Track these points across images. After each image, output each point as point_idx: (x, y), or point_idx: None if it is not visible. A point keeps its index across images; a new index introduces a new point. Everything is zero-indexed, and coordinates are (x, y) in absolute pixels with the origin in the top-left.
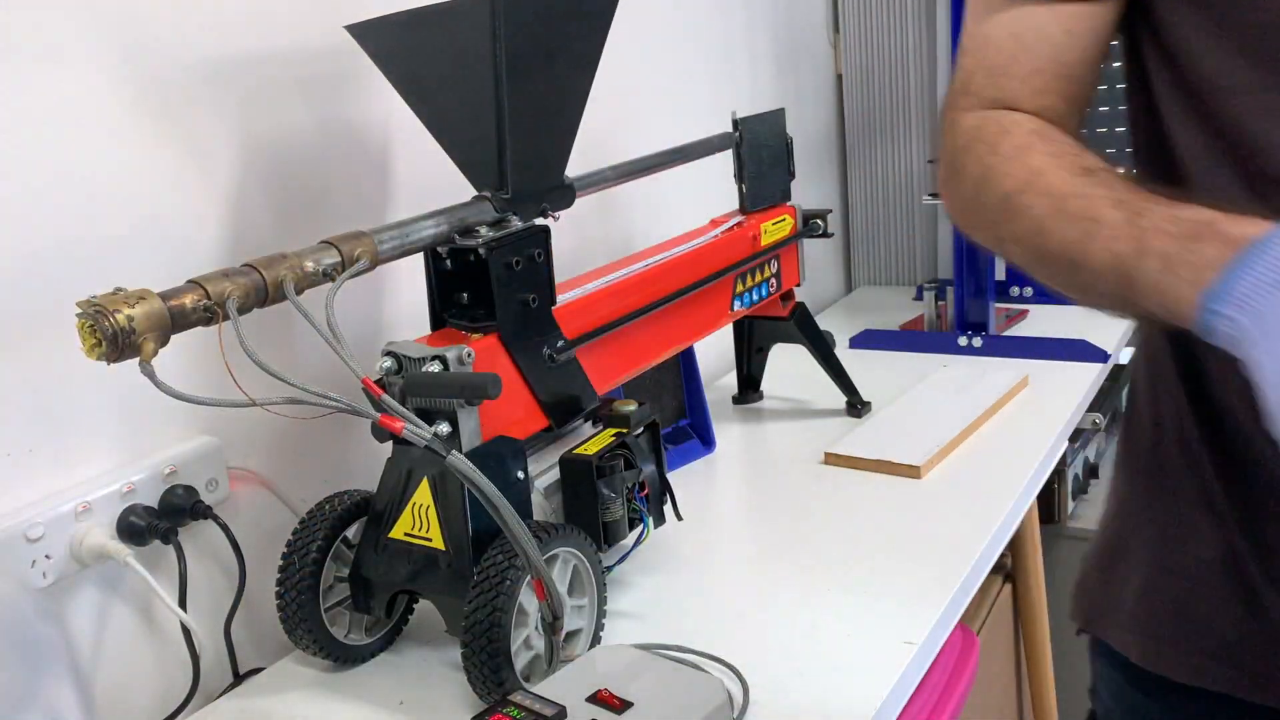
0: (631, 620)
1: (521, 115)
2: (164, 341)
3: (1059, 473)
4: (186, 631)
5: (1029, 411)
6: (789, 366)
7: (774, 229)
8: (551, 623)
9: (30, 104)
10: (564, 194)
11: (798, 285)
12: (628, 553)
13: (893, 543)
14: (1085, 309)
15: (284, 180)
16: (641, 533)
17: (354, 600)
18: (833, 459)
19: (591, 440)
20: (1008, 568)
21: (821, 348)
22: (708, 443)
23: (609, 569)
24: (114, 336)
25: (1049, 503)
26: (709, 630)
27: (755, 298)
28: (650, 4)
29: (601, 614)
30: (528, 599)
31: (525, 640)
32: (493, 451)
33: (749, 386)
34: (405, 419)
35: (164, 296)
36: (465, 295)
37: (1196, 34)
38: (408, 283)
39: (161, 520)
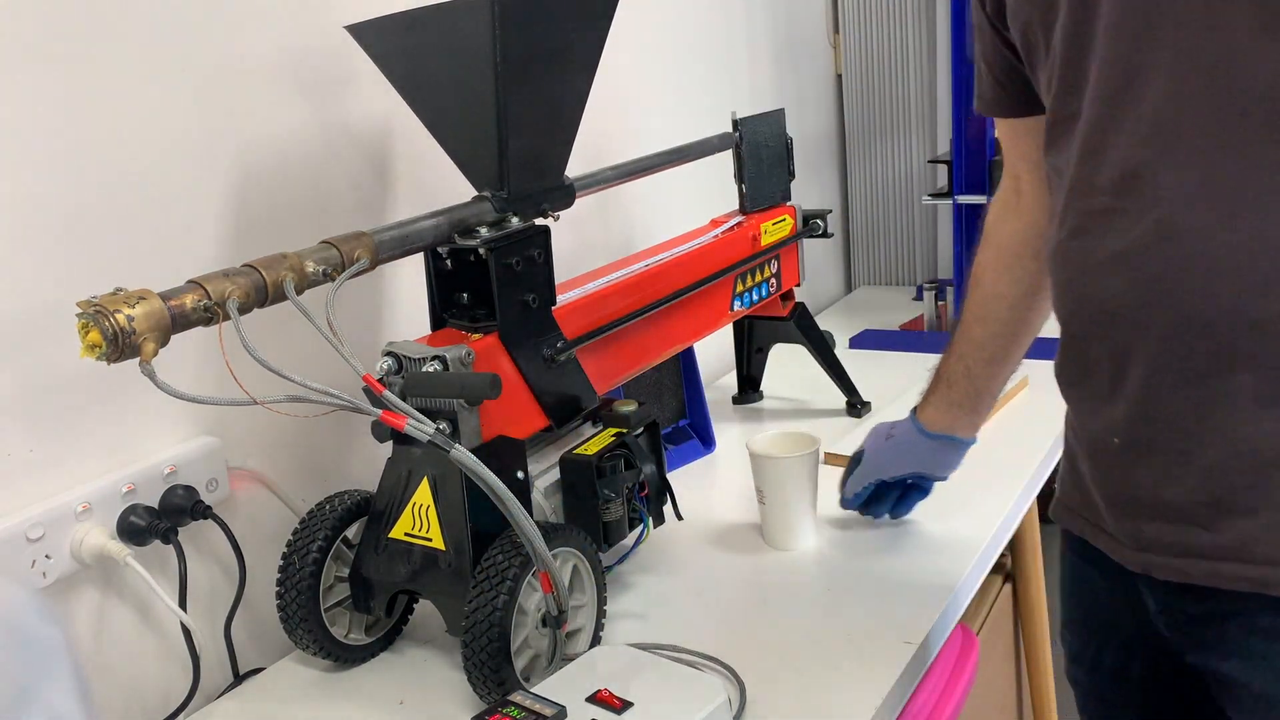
0: (631, 620)
1: (521, 115)
2: (164, 342)
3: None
4: (186, 631)
5: (1029, 411)
6: (789, 366)
7: (774, 229)
8: (557, 616)
9: (29, 104)
10: (564, 194)
11: (797, 285)
12: (628, 553)
13: (893, 543)
14: None
15: (284, 180)
16: (641, 533)
17: (354, 600)
18: (833, 459)
19: (591, 440)
20: (1008, 568)
21: (821, 348)
22: (707, 443)
23: (609, 569)
24: (114, 337)
25: (1049, 503)
26: (708, 630)
27: (755, 298)
28: (650, 4)
29: (601, 614)
30: (527, 599)
31: (525, 640)
32: (493, 451)
33: (749, 386)
34: (408, 414)
35: (164, 296)
36: (465, 295)
37: None
38: (408, 283)
39: (161, 520)
